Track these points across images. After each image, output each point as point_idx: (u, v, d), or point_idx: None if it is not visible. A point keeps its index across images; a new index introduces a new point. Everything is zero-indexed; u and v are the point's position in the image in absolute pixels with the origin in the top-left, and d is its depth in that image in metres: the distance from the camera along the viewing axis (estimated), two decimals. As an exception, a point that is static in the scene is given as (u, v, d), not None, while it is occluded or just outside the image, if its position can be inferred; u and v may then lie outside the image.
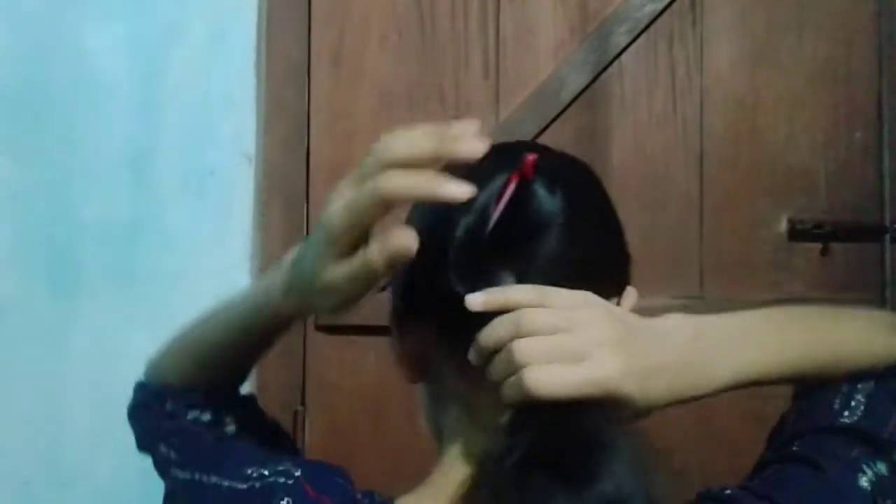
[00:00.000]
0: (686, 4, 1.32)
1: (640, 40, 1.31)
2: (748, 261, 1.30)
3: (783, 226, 1.31)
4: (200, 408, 0.72)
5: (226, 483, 0.61)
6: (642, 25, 1.31)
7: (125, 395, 1.23)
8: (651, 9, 1.30)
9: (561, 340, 0.52)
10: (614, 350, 0.53)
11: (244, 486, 0.60)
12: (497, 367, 0.53)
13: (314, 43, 1.31)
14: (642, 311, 0.62)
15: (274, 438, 0.74)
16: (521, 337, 0.52)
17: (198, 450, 0.68)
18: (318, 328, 1.28)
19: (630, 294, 0.61)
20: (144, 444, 0.76)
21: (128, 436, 1.17)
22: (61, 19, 1.23)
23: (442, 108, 1.30)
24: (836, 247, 1.31)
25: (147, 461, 0.73)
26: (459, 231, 0.55)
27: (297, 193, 1.28)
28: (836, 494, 0.57)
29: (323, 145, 1.30)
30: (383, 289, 0.62)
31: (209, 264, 1.23)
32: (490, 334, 0.53)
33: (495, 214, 0.54)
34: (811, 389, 0.63)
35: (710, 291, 1.29)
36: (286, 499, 0.57)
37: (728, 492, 0.58)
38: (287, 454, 0.66)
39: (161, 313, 1.20)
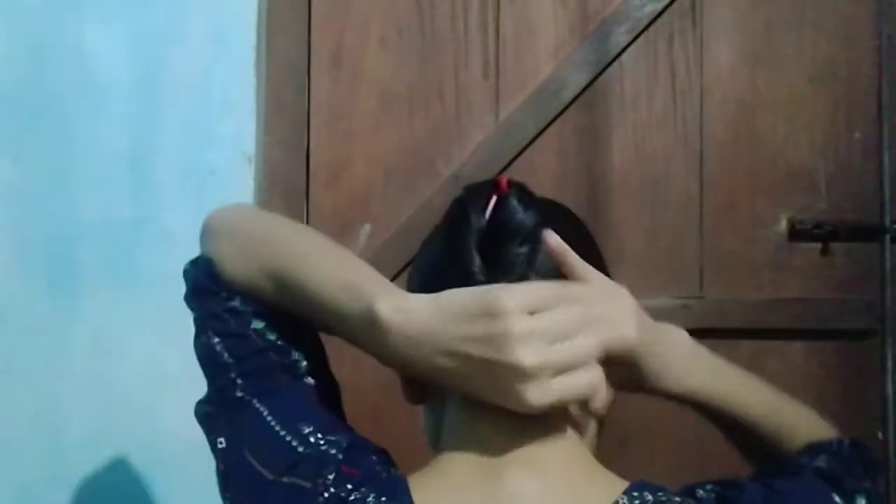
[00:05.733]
0: (686, 4, 1.32)
1: (640, 40, 1.31)
2: (748, 261, 1.30)
3: (783, 226, 1.31)
4: (271, 326, 0.67)
5: (283, 432, 0.61)
6: (642, 25, 1.31)
7: (125, 395, 1.23)
8: (651, 9, 1.30)
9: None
10: (633, 319, 0.61)
11: (300, 448, 0.60)
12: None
13: (314, 43, 1.31)
14: (645, 311, 0.63)
15: (334, 401, 0.70)
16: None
17: (260, 371, 0.65)
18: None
19: None
20: (200, 324, 0.69)
21: (128, 436, 1.17)
22: (61, 19, 1.23)
23: (442, 108, 1.30)
24: (836, 247, 1.31)
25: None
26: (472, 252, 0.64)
27: (297, 193, 1.28)
28: (818, 495, 0.63)
29: (323, 145, 1.30)
30: None
31: (209, 264, 1.23)
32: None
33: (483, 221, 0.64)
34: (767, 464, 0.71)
35: (710, 291, 1.29)
36: (334, 473, 0.59)
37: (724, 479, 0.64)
38: (340, 422, 0.66)
39: (161, 313, 1.20)
